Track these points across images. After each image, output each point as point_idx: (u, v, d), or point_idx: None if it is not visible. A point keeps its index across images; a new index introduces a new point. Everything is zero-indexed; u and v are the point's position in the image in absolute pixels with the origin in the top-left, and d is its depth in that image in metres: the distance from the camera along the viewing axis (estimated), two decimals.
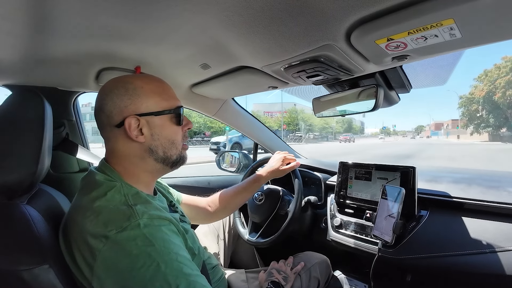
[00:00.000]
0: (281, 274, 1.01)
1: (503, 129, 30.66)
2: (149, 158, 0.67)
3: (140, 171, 0.68)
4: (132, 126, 0.63)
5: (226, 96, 1.43)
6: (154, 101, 0.66)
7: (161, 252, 0.53)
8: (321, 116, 1.21)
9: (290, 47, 0.75)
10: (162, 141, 0.67)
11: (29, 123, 0.62)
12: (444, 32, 0.56)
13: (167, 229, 0.58)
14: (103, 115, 0.65)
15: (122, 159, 0.67)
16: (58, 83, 1.09)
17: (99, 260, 0.52)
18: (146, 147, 0.66)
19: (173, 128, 0.69)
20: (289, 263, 1.09)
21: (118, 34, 0.73)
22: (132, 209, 0.57)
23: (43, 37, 0.72)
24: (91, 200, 0.59)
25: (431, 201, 0.99)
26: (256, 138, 1.78)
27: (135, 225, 0.54)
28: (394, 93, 1.04)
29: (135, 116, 0.64)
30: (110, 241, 0.53)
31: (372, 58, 0.76)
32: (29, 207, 0.60)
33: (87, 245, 0.54)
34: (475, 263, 0.81)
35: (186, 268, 0.55)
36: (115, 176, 0.65)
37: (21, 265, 0.53)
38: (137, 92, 0.65)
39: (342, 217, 1.15)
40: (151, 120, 0.65)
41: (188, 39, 0.77)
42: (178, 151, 0.71)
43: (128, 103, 0.64)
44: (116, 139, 0.66)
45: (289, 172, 1.21)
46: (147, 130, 0.65)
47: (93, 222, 0.56)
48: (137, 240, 0.53)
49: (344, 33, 0.64)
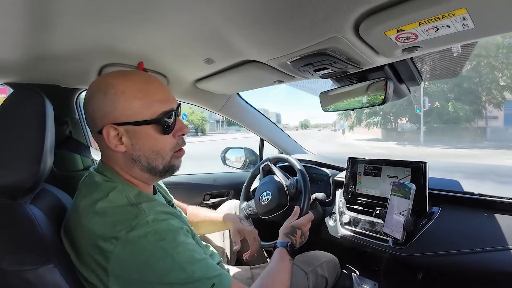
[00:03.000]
0: (301, 239, 1.00)
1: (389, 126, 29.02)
2: (133, 168, 0.65)
3: (131, 178, 0.68)
4: (110, 135, 0.61)
5: (231, 91, 1.43)
6: (134, 109, 0.61)
7: (173, 244, 0.57)
8: (328, 110, 1.20)
9: (297, 40, 0.74)
10: (144, 151, 0.64)
11: (30, 122, 0.63)
12: (457, 22, 0.55)
13: (173, 222, 0.61)
14: (88, 118, 0.64)
15: (113, 163, 0.67)
16: (60, 80, 1.11)
17: (113, 261, 0.55)
18: (128, 157, 0.64)
19: (158, 138, 0.65)
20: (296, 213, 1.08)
21: (120, 30, 0.74)
22: (138, 208, 0.59)
23: (43, 34, 0.73)
24: (93, 202, 0.60)
25: (443, 197, 0.98)
26: (262, 134, 1.78)
27: (144, 223, 0.56)
28: (404, 86, 1.03)
29: (112, 125, 0.61)
30: (121, 241, 0.55)
31: (382, 50, 0.75)
32: (32, 207, 0.61)
33: (98, 248, 0.56)
34: (490, 260, 0.81)
35: (197, 254, 0.59)
36: (115, 176, 0.65)
37: (26, 265, 0.55)
38: (117, 97, 0.61)
39: (351, 214, 1.16)
40: (131, 129, 0.62)
41: (192, 33, 0.77)
42: (164, 161, 0.67)
43: (108, 110, 0.61)
44: (101, 146, 0.66)
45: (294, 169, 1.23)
46: (126, 140, 0.62)
47: (100, 224, 0.57)
48: (149, 236, 0.55)
49: (352, 24, 0.64)
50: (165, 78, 1.14)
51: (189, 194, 1.20)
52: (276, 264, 0.83)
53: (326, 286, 1.13)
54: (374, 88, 0.99)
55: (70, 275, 0.59)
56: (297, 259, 1.12)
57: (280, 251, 0.89)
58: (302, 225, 1.01)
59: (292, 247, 0.90)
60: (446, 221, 0.92)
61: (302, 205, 1.15)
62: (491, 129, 19.09)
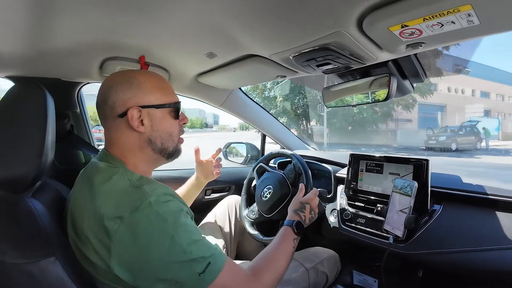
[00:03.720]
0: (311, 214, 1.01)
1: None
2: (147, 148, 0.73)
3: (138, 161, 0.73)
4: (134, 117, 0.69)
5: (233, 86, 1.43)
6: (155, 96, 0.72)
7: (174, 225, 0.60)
8: (331, 106, 1.20)
9: (299, 35, 0.74)
10: (160, 132, 0.74)
11: (30, 116, 0.63)
12: (462, 18, 0.55)
13: (174, 203, 0.65)
14: (107, 106, 0.70)
15: (122, 148, 0.72)
16: (61, 74, 1.11)
17: (116, 240, 0.57)
18: (146, 138, 0.72)
19: (171, 122, 0.76)
20: (301, 190, 1.10)
21: (122, 23, 0.74)
22: (141, 189, 0.62)
23: (45, 28, 0.73)
24: (98, 185, 0.64)
25: (445, 195, 0.98)
26: (264, 129, 1.78)
27: (147, 204, 0.60)
28: (408, 82, 1.02)
29: (138, 107, 0.69)
30: (125, 221, 0.58)
31: (385, 46, 0.75)
32: (34, 200, 0.62)
33: (103, 227, 0.58)
34: (492, 259, 0.81)
35: (194, 235, 0.63)
36: (118, 162, 0.70)
37: (27, 258, 0.55)
38: (140, 86, 0.71)
39: (352, 210, 1.16)
40: (152, 112, 0.72)
41: (193, 27, 0.77)
42: (174, 144, 0.78)
43: (131, 95, 0.70)
44: (118, 129, 0.71)
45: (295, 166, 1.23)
46: (147, 121, 0.71)
47: (104, 205, 0.60)
48: (151, 218, 0.59)
49: (355, 19, 0.63)
50: (167, 72, 1.14)
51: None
52: (276, 246, 0.84)
53: (327, 282, 1.14)
54: (377, 84, 0.98)
55: (72, 267, 0.60)
56: (298, 255, 1.13)
57: (285, 230, 0.90)
58: (310, 199, 1.04)
59: (300, 225, 0.92)
60: (448, 219, 0.92)
61: (306, 182, 1.16)
62: (402, 132, 17.99)
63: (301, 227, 0.92)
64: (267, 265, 0.77)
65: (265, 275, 0.74)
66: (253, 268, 0.75)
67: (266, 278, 0.74)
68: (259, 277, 0.72)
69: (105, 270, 0.59)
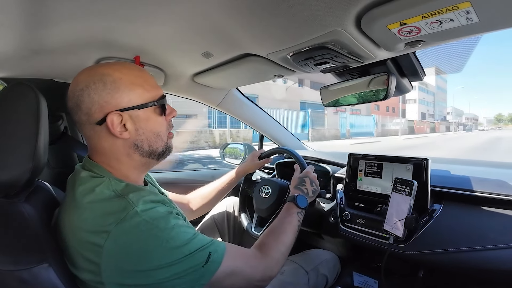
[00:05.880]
0: (313, 186, 1.04)
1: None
2: (134, 154, 0.67)
3: (127, 168, 0.68)
4: (115, 123, 0.62)
5: (229, 85, 1.43)
6: (136, 94, 0.65)
7: (166, 229, 0.58)
8: (330, 105, 1.20)
9: (297, 33, 0.74)
10: (147, 135, 0.67)
11: (23, 118, 0.62)
12: (461, 16, 0.55)
13: (161, 208, 0.62)
14: (81, 112, 0.63)
15: (107, 157, 0.67)
16: (54, 75, 1.10)
17: (105, 255, 0.55)
18: (131, 143, 0.66)
19: (158, 120, 0.69)
20: (297, 168, 1.13)
21: (116, 23, 0.73)
22: (126, 199, 0.59)
23: (37, 28, 0.72)
24: (80, 197, 0.60)
25: (445, 194, 0.98)
26: (262, 130, 1.78)
27: (133, 213, 0.57)
28: (407, 80, 1.03)
29: (117, 112, 0.62)
30: (112, 234, 0.55)
31: (384, 44, 0.75)
32: (26, 205, 0.61)
33: (88, 244, 0.56)
34: (494, 258, 0.81)
35: (189, 234, 0.61)
36: (103, 172, 0.65)
37: (20, 265, 0.55)
38: (116, 85, 0.62)
39: (351, 211, 1.16)
40: (134, 114, 0.64)
41: (189, 26, 0.77)
42: (163, 142, 0.71)
43: (108, 98, 0.62)
44: (99, 137, 0.65)
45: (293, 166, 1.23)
46: (131, 125, 0.64)
47: (88, 219, 0.57)
48: (141, 226, 0.56)
49: (354, 17, 0.64)
50: (162, 72, 1.13)
51: (187, 191, 1.21)
52: (281, 221, 0.87)
53: (326, 284, 1.14)
54: (376, 83, 0.99)
55: (66, 274, 0.59)
56: (297, 258, 1.13)
57: (287, 205, 0.94)
58: (307, 173, 1.08)
59: (302, 198, 0.96)
60: (448, 219, 0.92)
61: (299, 161, 1.17)
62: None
63: (305, 201, 0.96)
64: (273, 240, 0.78)
65: (272, 249, 0.75)
66: (259, 245, 0.76)
67: (274, 252, 0.75)
68: (266, 253, 0.73)
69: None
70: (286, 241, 0.80)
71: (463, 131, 62.11)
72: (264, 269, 0.71)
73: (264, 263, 0.72)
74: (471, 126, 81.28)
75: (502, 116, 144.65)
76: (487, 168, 1.26)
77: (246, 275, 0.67)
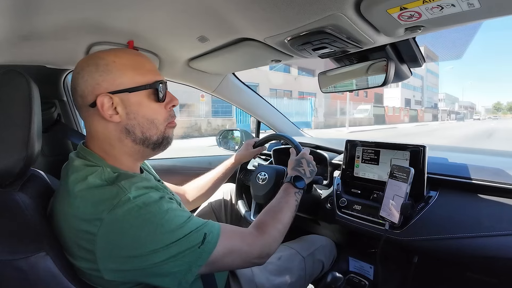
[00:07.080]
0: (310, 167, 1.06)
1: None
2: (126, 140, 0.66)
3: (121, 154, 0.68)
4: (105, 105, 0.62)
5: (226, 71, 1.42)
6: (127, 77, 0.64)
7: (159, 214, 0.58)
8: (327, 91, 1.20)
9: (295, 17, 0.73)
10: (139, 120, 0.66)
11: (14, 106, 0.61)
12: (462, 1, 0.54)
13: (153, 194, 0.62)
14: (77, 95, 0.64)
15: (101, 141, 0.67)
16: (46, 61, 1.08)
17: (99, 243, 0.55)
18: (122, 127, 0.65)
19: (152, 106, 0.67)
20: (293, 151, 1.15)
21: (108, 5, 0.71)
22: (118, 186, 0.59)
23: (27, 12, 0.70)
24: (72, 186, 0.60)
25: (441, 181, 0.99)
26: (259, 116, 1.77)
27: (125, 200, 0.57)
28: (406, 67, 1.02)
29: (107, 94, 0.62)
30: (105, 222, 0.55)
31: (384, 29, 0.74)
32: (21, 194, 0.61)
33: (82, 232, 0.57)
34: (488, 245, 0.83)
35: (183, 217, 0.62)
36: (96, 159, 0.65)
37: (17, 254, 0.55)
38: (108, 67, 0.63)
39: (348, 197, 1.17)
40: (125, 97, 0.64)
41: (184, 9, 0.75)
42: (159, 131, 0.69)
43: (99, 80, 0.62)
44: (92, 120, 0.65)
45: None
46: (121, 109, 0.64)
47: (80, 207, 0.57)
48: (133, 213, 0.56)
49: (353, 1, 0.62)
50: (156, 57, 1.12)
51: (183, 177, 1.21)
52: (278, 200, 0.89)
53: (323, 269, 1.17)
54: (374, 69, 0.98)
55: (63, 262, 0.59)
56: (294, 244, 1.15)
57: (284, 186, 0.96)
58: (303, 154, 1.09)
59: (299, 179, 0.97)
60: (444, 206, 0.94)
61: (294, 144, 1.18)
62: None
63: (303, 181, 0.97)
64: (270, 218, 0.80)
65: (269, 227, 0.76)
66: (256, 224, 0.77)
67: (271, 230, 0.76)
68: (263, 230, 0.75)
69: (96, 275, 0.59)
70: (283, 219, 0.81)
71: (454, 120, 56.65)
72: (261, 246, 0.72)
73: (262, 241, 0.73)
74: (464, 115, 73.04)
75: (501, 105, 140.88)
76: (485, 156, 1.27)
77: (244, 253, 0.69)
